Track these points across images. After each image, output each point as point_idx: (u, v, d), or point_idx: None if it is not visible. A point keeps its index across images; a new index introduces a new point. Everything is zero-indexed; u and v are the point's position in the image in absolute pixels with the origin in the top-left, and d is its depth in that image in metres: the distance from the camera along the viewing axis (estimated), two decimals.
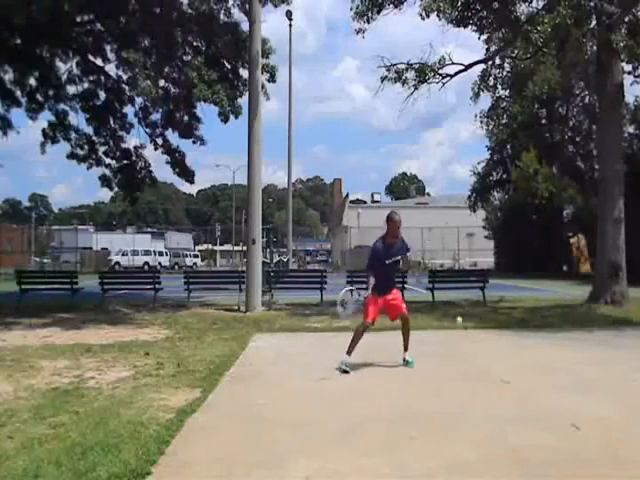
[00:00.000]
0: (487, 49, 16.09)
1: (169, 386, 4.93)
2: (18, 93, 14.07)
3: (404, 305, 6.02)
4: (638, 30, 11.59)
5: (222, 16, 13.84)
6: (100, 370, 5.63)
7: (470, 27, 13.14)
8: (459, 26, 12.95)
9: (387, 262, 5.76)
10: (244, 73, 13.77)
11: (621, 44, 11.38)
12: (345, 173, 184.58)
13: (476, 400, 4.47)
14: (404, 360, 5.86)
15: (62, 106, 14.78)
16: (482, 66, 15.38)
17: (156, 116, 15.08)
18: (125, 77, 14.47)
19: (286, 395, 4.68)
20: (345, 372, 5.42)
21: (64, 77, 14.37)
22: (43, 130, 14.72)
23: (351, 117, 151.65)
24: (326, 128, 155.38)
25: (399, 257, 5.87)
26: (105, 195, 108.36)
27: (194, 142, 15.06)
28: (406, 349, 5.97)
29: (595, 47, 12.98)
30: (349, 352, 5.61)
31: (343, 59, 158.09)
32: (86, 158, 15.16)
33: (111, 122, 15.10)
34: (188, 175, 15.60)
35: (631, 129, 22.96)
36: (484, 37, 14.56)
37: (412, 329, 8.53)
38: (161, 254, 41.96)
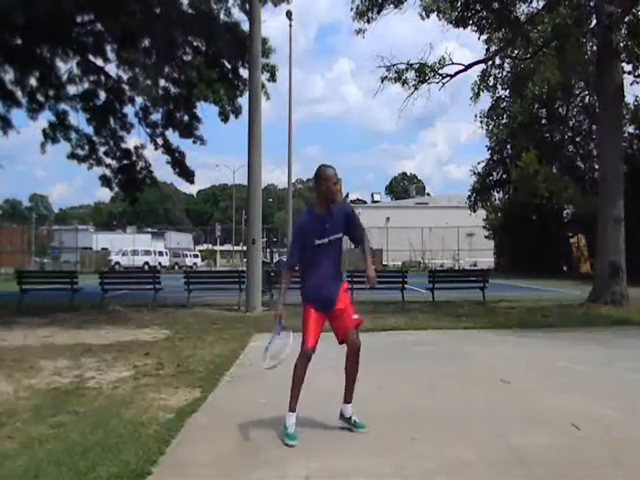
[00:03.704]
0: (487, 49, 16.11)
1: (169, 386, 4.93)
2: (19, 93, 14.07)
3: (356, 315, 3.75)
4: (638, 30, 11.59)
5: (222, 16, 13.86)
6: (100, 370, 5.63)
7: (470, 27, 13.17)
8: (459, 26, 12.98)
9: (318, 242, 3.62)
10: (244, 73, 13.79)
11: (621, 44, 11.39)
12: (343, 173, 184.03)
13: (476, 400, 4.47)
14: (344, 417, 3.81)
15: (62, 106, 14.78)
16: (482, 66, 15.41)
17: (156, 116, 15.09)
18: (125, 77, 14.49)
19: (286, 395, 4.67)
20: (289, 445, 3.44)
21: (64, 77, 14.35)
22: (43, 130, 14.71)
23: (345, 118, 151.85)
24: (321, 129, 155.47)
25: (340, 235, 3.69)
26: (105, 195, 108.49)
27: (194, 142, 15.07)
28: (348, 400, 3.84)
29: (595, 47, 13.00)
30: (291, 407, 3.66)
31: (338, 60, 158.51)
32: (86, 158, 15.15)
33: (111, 122, 15.09)
34: (188, 175, 15.60)
35: (631, 129, 22.98)
36: (484, 37, 14.59)
37: (412, 329, 8.57)
38: (161, 254, 41.94)
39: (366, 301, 12.16)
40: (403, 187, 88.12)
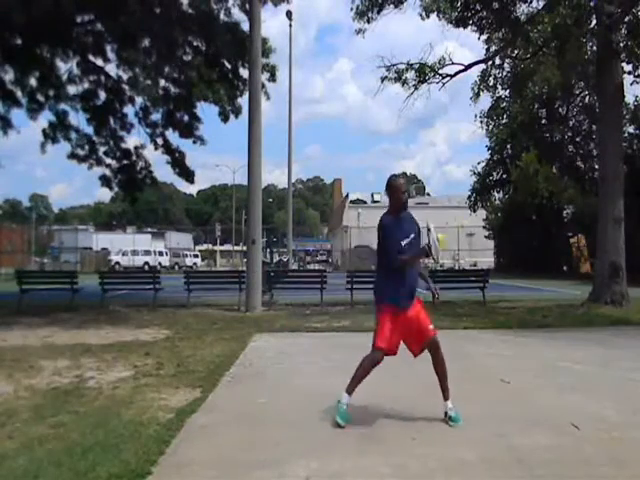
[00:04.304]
0: (487, 49, 16.13)
1: (169, 386, 4.93)
2: (19, 93, 14.08)
3: (430, 324, 3.99)
4: (638, 30, 11.60)
5: (222, 16, 13.88)
6: (100, 370, 5.63)
7: (470, 27, 13.17)
8: (459, 26, 12.99)
9: (404, 244, 3.82)
10: (244, 73, 13.81)
11: (621, 44, 11.39)
12: (343, 173, 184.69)
13: (476, 400, 4.46)
14: (446, 414, 3.86)
15: (62, 106, 14.81)
16: (482, 66, 15.43)
17: (156, 116, 15.12)
18: (125, 77, 14.51)
19: (286, 395, 4.68)
20: (339, 424, 3.72)
21: (64, 77, 14.38)
22: (43, 130, 14.72)
23: (345, 118, 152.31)
24: (321, 129, 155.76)
25: (414, 234, 3.93)
26: (105, 195, 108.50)
27: (194, 142, 15.10)
28: (446, 396, 3.93)
29: (595, 47, 13.00)
30: (350, 389, 3.88)
31: (338, 61, 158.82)
32: (86, 158, 15.17)
33: (111, 122, 15.11)
34: (188, 175, 15.62)
35: (631, 129, 22.99)
36: (484, 37, 14.61)
37: None
38: (161, 254, 41.95)
39: (366, 301, 12.17)
40: None
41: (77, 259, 37.20)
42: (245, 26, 13.11)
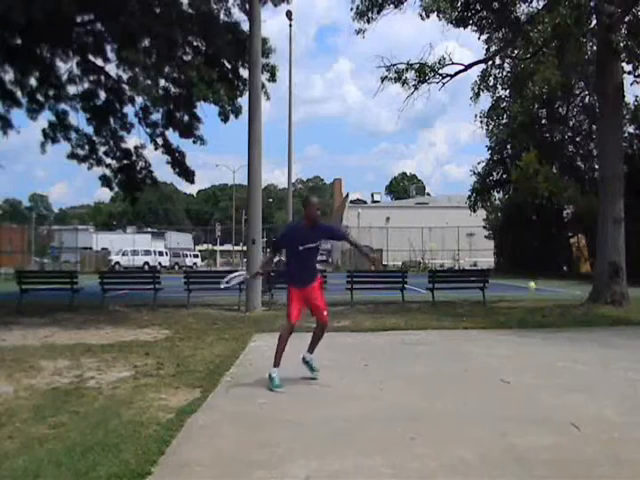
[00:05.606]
0: (487, 49, 16.12)
1: (169, 386, 4.93)
2: (19, 93, 14.08)
3: (325, 311, 5.20)
4: (638, 30, 11.60)
5: (222, 16, 13.88)
6: (100, 370, 5.63)
7: (470, 27, 13.17)
8: (459, 26, 12.99)
9: (300, 248, 5.04)
10: (244, 73, 13.81)
11: (621, 44, 11.39)
12: (343, 173, 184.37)
13: (476, 400, 4.47)
14: (305, 360, 5.27)
15: (62, 106, 14.81)
16: (482, 66, 15.42)
17: (156, 116, 15.12)
18: (125, 77, 14.49)
19: (286, 395, 4.68)
20: (278, 390, 4.74)
21: (64, 77, 14.38)
22: (43, 130, 14.73)
23: (345, 118, 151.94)
24: (321, 129, 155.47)
25: (317, 244, 5.12)
26: (105, 195, 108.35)
27: (194, 142, 15.09)
28: (311, 351, 5.35)
29: (595, 47, 13.00)
30: (276, 363, 4.94)
31: (338, 61, 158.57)
32: (86, 158, 15.17)
33: (111, 122, 15.11)
34: (188, 175, 15.61)
35: (631, 129, 22.96)
36: (484, 37, 14.60)
37: (412, 329, 8.61)
38: (161, 254, 41.92)
39: (366, 301, 12.18)
40: (403, 187, 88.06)
41: (77, 259, 37.19)
42: (245, 26, 13.13)
